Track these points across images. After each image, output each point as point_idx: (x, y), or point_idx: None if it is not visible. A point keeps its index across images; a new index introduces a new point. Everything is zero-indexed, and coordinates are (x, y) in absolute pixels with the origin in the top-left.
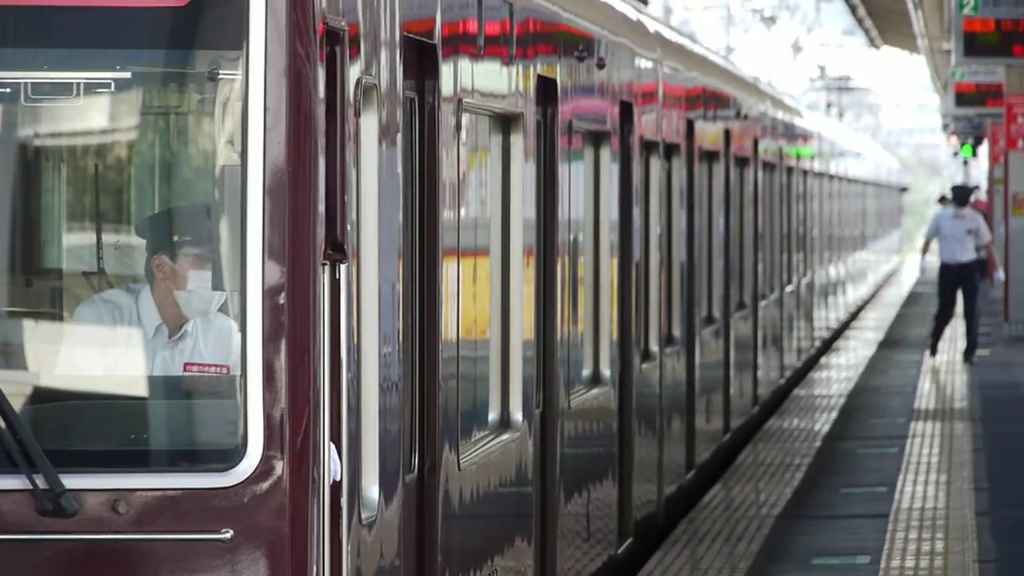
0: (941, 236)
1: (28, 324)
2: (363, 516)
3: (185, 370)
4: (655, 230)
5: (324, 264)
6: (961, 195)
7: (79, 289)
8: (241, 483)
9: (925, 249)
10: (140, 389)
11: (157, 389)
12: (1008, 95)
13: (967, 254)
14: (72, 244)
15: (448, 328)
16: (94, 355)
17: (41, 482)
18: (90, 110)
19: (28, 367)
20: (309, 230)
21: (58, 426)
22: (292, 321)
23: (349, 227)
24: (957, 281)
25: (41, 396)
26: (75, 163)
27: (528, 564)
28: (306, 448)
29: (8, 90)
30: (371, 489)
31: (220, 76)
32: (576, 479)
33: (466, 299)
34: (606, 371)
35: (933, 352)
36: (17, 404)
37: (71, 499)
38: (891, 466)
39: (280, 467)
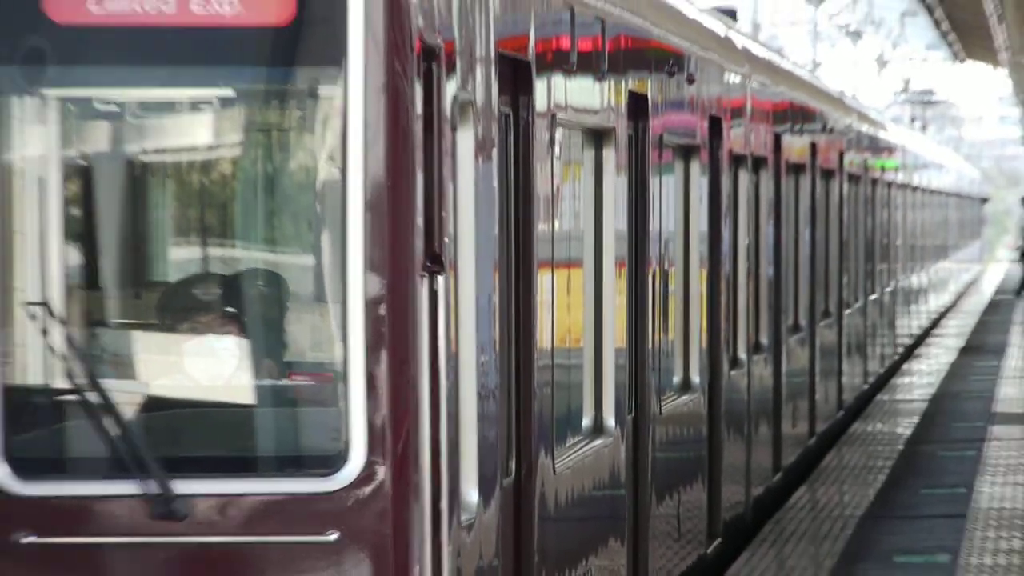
0: None
1: (137, 335)
2: (463, 519)
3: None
4: (743, 241)
5: (423, 276)
6: None
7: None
8: (345, 488)
9: None
10: (247, 397)
11: (264, 397)
12: None
13: None
14: (178, 258)
15: (543, 337)
16: (202, 365)
17: (153, 488)
18: (193, 127)
19: (138, 377)
20: (408, 243)
21: (168, 434)
22: (392, 331)
23: (446, 240)
24: None
25: (151, 405)
26: (179, 179)
27: (621, 564)
28: (407, 453)
29: (114, 108)
30: (470, 493)
31: (320, 93)
32: (667, 482)
33: (560, 309)
34: (696, 378)
35: None
36: (129, 413)
37: (182, 503)
38: (970, 468)
39: (382, 472)
